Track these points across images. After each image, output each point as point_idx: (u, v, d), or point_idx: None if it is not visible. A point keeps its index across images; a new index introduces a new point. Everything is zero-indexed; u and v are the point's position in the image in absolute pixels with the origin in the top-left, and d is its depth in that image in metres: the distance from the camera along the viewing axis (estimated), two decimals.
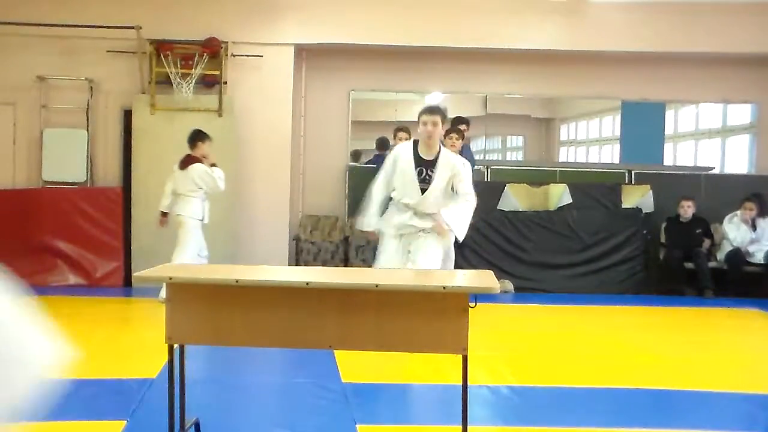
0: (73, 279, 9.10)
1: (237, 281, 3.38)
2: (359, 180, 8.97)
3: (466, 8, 9.80)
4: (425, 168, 5.60)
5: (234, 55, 9.49)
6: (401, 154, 5.67)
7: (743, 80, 10.43)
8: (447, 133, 7.07)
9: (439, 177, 5.57)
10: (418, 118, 5.65)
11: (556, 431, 4.10)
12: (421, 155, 5.61)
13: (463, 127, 8.24)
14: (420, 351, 3.46)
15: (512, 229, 9.57)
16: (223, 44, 9.36)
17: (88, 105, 9.42)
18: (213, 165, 7.83)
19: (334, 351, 4.81)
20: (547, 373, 5.36)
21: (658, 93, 10.50)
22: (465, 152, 8.05)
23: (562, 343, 6.48)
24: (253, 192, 9.55)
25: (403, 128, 8.59)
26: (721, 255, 9.54)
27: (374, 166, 9.17)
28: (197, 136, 7.83)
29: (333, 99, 10.26)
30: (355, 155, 10.25)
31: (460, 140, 7.44)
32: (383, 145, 9.87)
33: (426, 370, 4.94)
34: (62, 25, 9.10)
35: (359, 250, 9.07)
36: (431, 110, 5.66)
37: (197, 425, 3.81)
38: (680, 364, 5.75)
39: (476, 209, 6.02)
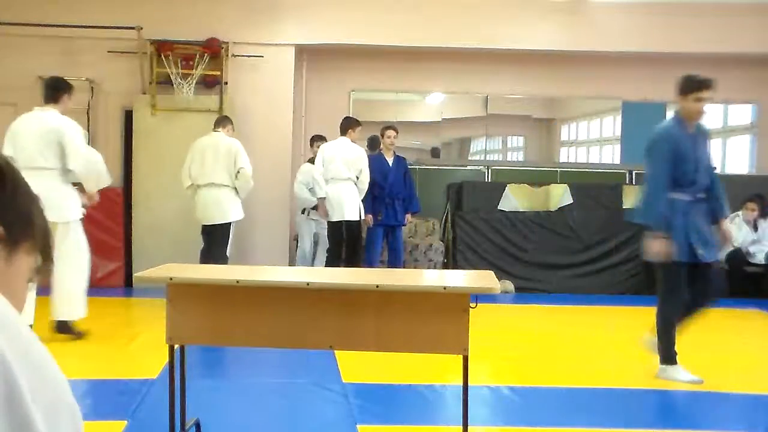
0: None
1: (237, 281, 3.39)
2: None
3: (467, 8, 9.80)
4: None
5: (234, 56, 9.50)
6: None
7: (744, 80, 10.41)
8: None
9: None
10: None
11: (556, 431, 4.10)
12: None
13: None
14: (420, 351, 3.46)
15: (513, 230, 9.56)
16: (223, 45, 9.36)
17: (88, 105, 9.40)
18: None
19: (334, 351, 4.82)
20: (547, 373, 5.36)
21: (658, 93, 10.46)
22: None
23: (562, 343, 6.48)
24: (253, 192, 9.54)
25: (391, 126, 9.09)
26: (721, 255, 9.53)
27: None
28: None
29: (333, 99, 10.26)
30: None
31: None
32: (375, 144, 9.79)
33: (426, 370, 4.94)
34: (63, 26, 9.10)
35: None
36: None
37: (197, 425, 3.81)
38: (680, 364, 5.74)
39: (476, 209, 8.18)
